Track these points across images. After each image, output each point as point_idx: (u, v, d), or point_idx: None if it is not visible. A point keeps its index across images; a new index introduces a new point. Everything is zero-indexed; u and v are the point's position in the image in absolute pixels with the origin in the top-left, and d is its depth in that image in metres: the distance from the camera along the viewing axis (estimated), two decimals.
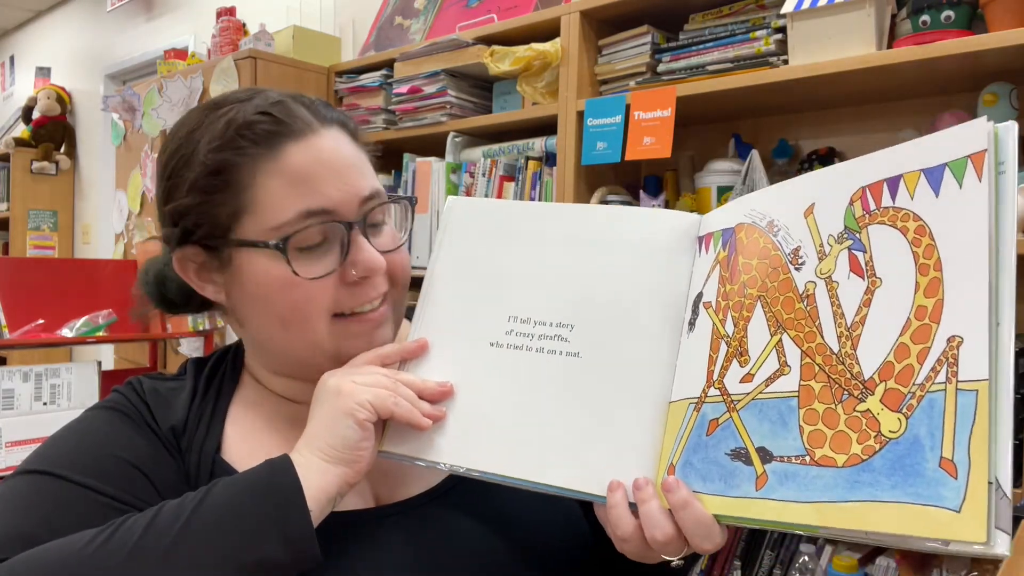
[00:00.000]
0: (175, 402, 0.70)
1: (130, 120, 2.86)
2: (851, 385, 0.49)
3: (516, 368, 0.64)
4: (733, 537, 1.55)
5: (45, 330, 1.91)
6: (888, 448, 0.46)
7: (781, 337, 0.54)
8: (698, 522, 0.54)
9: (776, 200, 0.59)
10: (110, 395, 0.70)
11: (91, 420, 0.68)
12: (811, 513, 0.48)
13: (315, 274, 0.64)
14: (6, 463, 1.65)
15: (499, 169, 1.94)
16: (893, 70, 1.35)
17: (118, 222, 3.00)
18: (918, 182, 0.50)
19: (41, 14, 5.19)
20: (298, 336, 0.66)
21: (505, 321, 0.66)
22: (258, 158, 0.64)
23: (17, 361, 3.70)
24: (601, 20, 1.80)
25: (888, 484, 0.45)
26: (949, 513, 0.42)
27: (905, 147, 0.52)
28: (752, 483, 0.51)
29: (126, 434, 0.66)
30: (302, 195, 0.64)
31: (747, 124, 1.79)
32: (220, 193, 0.65)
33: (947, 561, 1.33)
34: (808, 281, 0.54)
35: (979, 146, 0.47)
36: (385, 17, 2.48)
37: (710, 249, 0.63)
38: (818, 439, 0.49)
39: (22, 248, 4.41)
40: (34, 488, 0.60)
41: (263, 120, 0.65)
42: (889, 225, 0.51)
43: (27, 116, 4.61)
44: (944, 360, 0.45)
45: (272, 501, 0.55)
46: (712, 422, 0.56)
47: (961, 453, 0.43)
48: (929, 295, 0.47)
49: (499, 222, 0.70)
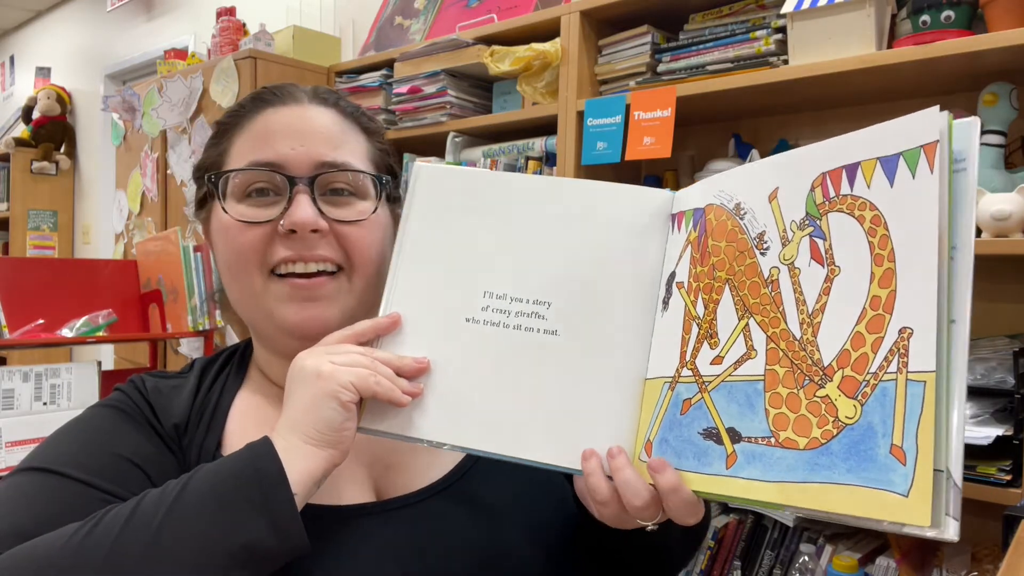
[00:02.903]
0: (177, 400, 0.70)
1: (130, 120, 2.86)
2: (812, 371, 0.51)
3: (494, 345, 0.64)
4: (733, 537, 1.55)
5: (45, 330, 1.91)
6: (844, 433, 0.48)
7: (748, 322, 0.56)
8: (686, 503, 0.55)
9: (743, 182, 0.59)
10: (112, 393, 0.71)
11: (92, 418, 0.68)
12: (775, 492, 0.50)
13: (248, 218, 0.68)
14: (6, 463, 1.65)
15: (499, 169, 1.94)
16: (893, 70, 1.35)
17: (118, 222, 3.00)
18: (875, 171, 0.50)
19: (41, 14, 5.19)
20: (240, 287, 0.70)
21: (480, 296, 0.65)
22: (243, 119, 0.72)
23: (17, 361, 3.70)
24: (601, 20, 1.80)
25: (844, 468, 0.47)
26: (898, 497, 0.44)
27: (862, 133, 0.52)
28: (723, 462, 0.54)
29: (127, 432, 0.66)
30: (256, 149, 0.69)
31: (747, 124, 1.79)
32: (213, 149, 0.73)
33: (947, 561, 1.33)
34: (772, 266, 0.55)
35: (931, 137, 0.47)
36: (385, 17, 2.48)
37: (682, 228, 0.63)
38: (782, 422, 0.51)
39: (22, 248, 4.41)
40: (33, 485, 0.60)
41: (262, 92, 0.73)
42: (847, 213, 0.51)
43: (27, 116, 4.61)
44: (896, 350, 0.46)
45: (256, 485, 0.55)
46: (686, 402, 0.57)
47: (910, 441, 0.44)
48: (883, 285, 0.48)
49: (469, 191, 0.68)
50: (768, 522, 1.53)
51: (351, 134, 0.73)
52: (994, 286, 1.45)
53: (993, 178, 1.28)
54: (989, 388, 1.21)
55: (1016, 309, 1.43)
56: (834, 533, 1.47)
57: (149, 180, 2.77)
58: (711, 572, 1.55)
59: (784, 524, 1.49)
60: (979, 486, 1.19)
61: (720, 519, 1.58)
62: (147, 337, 2.23)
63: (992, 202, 1.21)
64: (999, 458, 1.19)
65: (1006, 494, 1.16)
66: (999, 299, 1.45)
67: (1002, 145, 1.32)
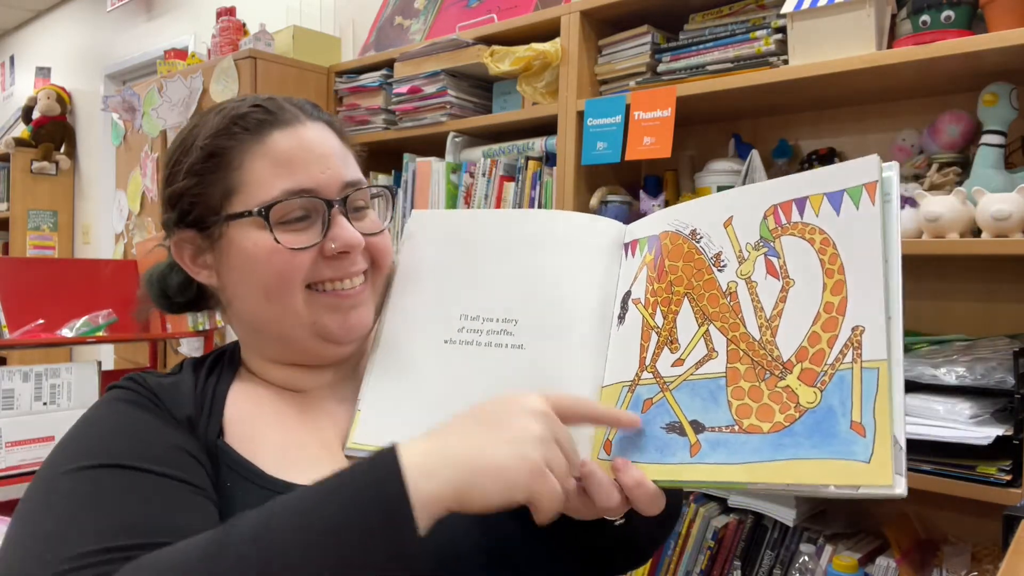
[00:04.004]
0: (180, 394, 0.71)
1: (130, 120, 2.86)
2: (772, 366, 0.58)
3: (467, 362, 0.70)
4: (733, 537, 1.55)
5: (45, 330, 1.91)
6: (807, 416, 0.55)
7: (708, 328, 0.62)
8: (650, 497, 0.59)
9: (697, 212, 0.67)
10: (116, 390, 0.70)
11: (117, 414, 0.67)
12: (741, 472, 0.56)
13: (296, 245, 0.70)
14: (6, 463, 1.65)
15: (499, 169, 1.94)
16: (893, 70, 1.35)
17: (118, 222, 3.00)
18: (822, 203, 0.60)
19: (41, 14, 5.19)
20: (278, 307, 0.71)
21: (457, 319, 0.72)
22: (247, 142, 0.71)
23: (17, 361, 3.70)
24: (601, 20, 1.80)
25: (808, 444, 0.54)
26: (861, 464, 0.51)
27: (807, 175, 0.62)
28: (687, 451, 0.59)
29: (160, 423, 0.67)
30: (286, 175, 0.70)
31: (747, 124, 1.79)
32: (212, 175, 0.71)
33: (947, 561, 1.33)
34: (730, 281, 0.63)
35: (872, 177, 0.58)
36: (385, 17, 2.48)
37: (636, 253, 0.71)
38: (745, 411, 0.58)
39: (22, 248, 4.41)
40: (112, 481, 0.59)
41: (255, 111, 0.72)
42: (798, 236, 0.60)
43: (27, 116, 4.61)
44: (850, 345, 0.55)
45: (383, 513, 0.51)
46: (647, 401, 0.63)
47: (868, 417, 0.52)
48: (835, 293, 0.57)
49: (449, 229, 0.77)
50: (768, 522, 1.53)
51: (345, 148, 0.76)
52: (994, 286, 1.45)
53: (993, 178, 1.28)
54: (989, 388, 1.21)
55: (1016, 309, 1.43)
56: (834, 533, 1.47)
57: (149, 180, 2.76)
58: (711, 572, 1.55)
59: (784, 524, 1.49)
60: (979, 486, 1.19)
61: (720, 519, 1.58)
62: (147, 337, 2.24)
63: (992, 202, 1.21)
64: (999, 458, 1.19)
65: (1006, 494, 1.16)
66: (999, 299, 1.45)
67: (1002, 145, 1.32)
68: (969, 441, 1.17)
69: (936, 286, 1.52)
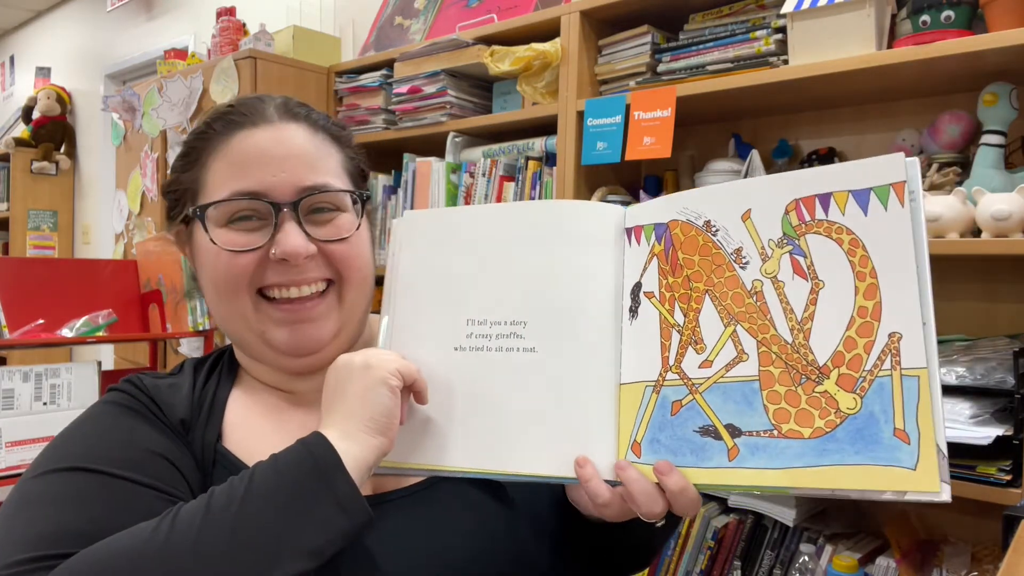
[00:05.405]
0: (177, 396, 0.71)
1: (130, 120, 2.86)
2: (807, 370, 0.57)
3: (479, 370, 0.68)
4: (733, 537, 1.55)
5: (45, 330, 1.91)
6: (848, 422, 0.55)
7: (735, 328, 0.61)
8: (691, 501, 0.60)
9: (710, 202, 0.64)
10: (111, 392, 0.71)
11: (105, 416, 0.68)
12: (784, 477, 0.56)
13: (235, 247, 0.69)
14: (6, 463, 1.65)
15: (499, 169, 1.94)
16: (893, 70, 1.35)
17: (118, 222, 3.00)
18: (847, 201, 0.58)
19: (41, 14, 5.19)
20: (229, 307, 0.71)
21: (464, 325, 0.69)
22: (215, 142, 0.72)
23: (17, 361, 3.70)
24: (601, 20, 1.80)
25: (852, 451, 0.54)
26: (907, 471, 0.52)
27: (830, 169, 0.59)
28: (724, 455, 0.58)
29: (145, 428, 0.67)
30: (239, 177, 0.70)
31: (747, 124, 1.79)
32: (186, 172, 0.74)
33: (947, 561, 1.33)
34: (755, 279, 0.61)
35: (899, 177, 0.56)
36: (385, 17, 2.48)
37: (641, 241, 0.67)
38: (783, 416, 0.57)
39: (22, 248, 4.41)
40: (75, 485, 0.60)
41: (230, 111, 0.73)
42: (825, 236, 0.58)
43: (27, 116, 4.61)
44: (888, 351, 0.55)
45: (316, 473, 0.57)
46: (675, 403, 0.61)
47: (911, 424, 0.53)
48: (868, 297, 0.56)
49: (444, 230, 0.73)
50: (768, 522, 1.53)
51: (324, 149, 0.74)
52: (994, 286, 1.45)
53: (993, 178, 1.28)
54: (989, 388, 1.21)
55: (1016, 309, 1.43)
56: (834, 533, 1.47)
57: (149, 180, 2.76)
58: (711, 572, 1.55)
59: (784, 524, 1.49)
60: (979, 486, 1.19)
61: (720, 519, 1.58)
62: (147, 337, 2.23)
63: (992, 202, 1.21)
64: (999, 458, 1.19)
65: (1006, 494, 1.16)
66: (999, 299, 1.45)
67: (1002, 145, 1.32)
68: (969, 441, 1.17)
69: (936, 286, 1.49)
